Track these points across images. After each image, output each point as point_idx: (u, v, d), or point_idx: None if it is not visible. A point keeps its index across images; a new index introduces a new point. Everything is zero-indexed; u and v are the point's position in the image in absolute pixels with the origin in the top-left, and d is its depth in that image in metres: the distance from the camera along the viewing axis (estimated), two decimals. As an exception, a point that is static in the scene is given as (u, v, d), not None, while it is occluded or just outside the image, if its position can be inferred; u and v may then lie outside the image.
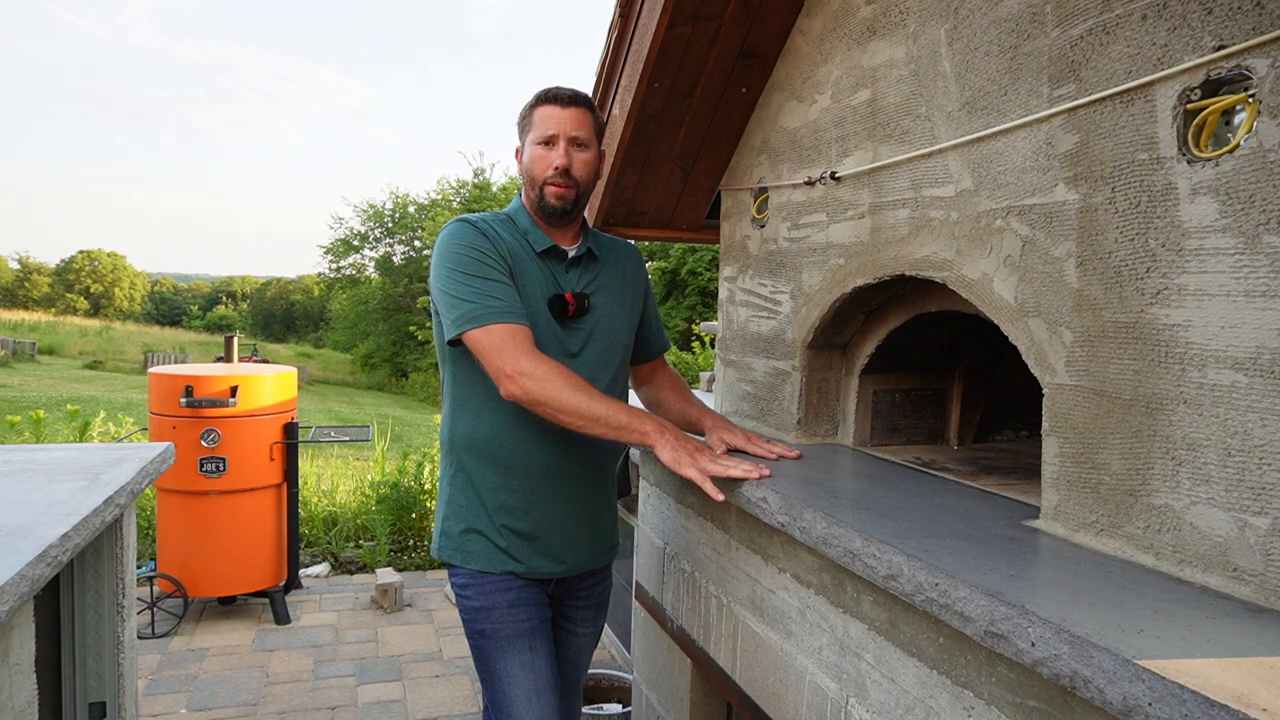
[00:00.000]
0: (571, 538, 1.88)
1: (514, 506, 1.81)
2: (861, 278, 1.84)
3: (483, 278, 1.70)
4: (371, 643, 3.97)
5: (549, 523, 1.84)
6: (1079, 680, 0.89)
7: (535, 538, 1.83)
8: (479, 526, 1.82)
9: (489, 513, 1.81)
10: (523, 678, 1.78)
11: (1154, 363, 1.17)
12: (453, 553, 1.84)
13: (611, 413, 1.63)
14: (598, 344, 1.87)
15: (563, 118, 1.79)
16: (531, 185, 1.82)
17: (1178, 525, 1.14)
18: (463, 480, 1.84)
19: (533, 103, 1.83)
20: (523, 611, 1.82)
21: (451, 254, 1.73)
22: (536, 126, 1.80)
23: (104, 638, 1.87)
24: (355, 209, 42.94)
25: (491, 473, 1.81)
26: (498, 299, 1.68)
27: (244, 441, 4.03)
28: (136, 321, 56.67)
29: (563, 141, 1.78)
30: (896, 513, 1.45)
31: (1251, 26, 1.04)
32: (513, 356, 1.63)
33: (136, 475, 1.82)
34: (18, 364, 23.99)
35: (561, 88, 1.83)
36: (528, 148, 1.83)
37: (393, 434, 9.45)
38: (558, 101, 1.80)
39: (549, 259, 1.85)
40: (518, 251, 1.80)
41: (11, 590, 1.16)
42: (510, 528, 1.82)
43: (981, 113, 1.49)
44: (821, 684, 1.54)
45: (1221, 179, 1.07)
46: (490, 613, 1.80)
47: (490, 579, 1.81)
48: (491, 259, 1.73)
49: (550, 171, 1.78)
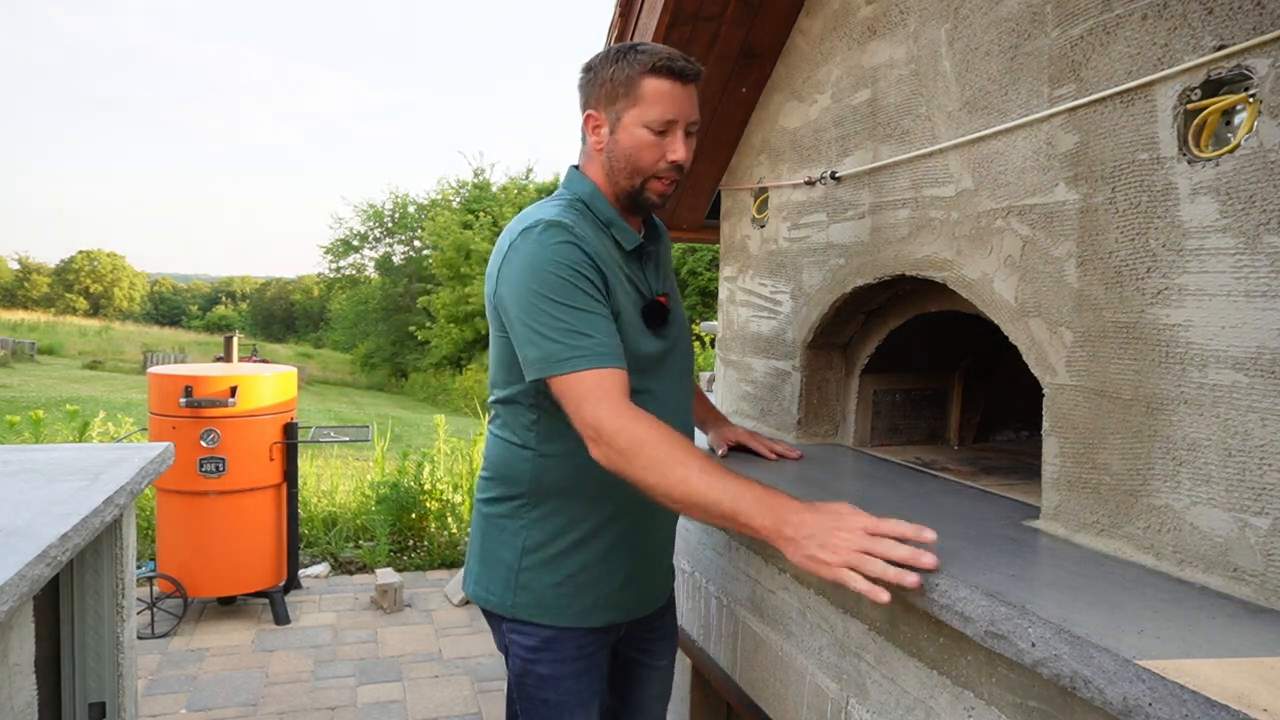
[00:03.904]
0: (667, 564, 1.74)
1: (633, 543, 1.60)
2: (861, 278, 1.84)
3: (578, 309, 1.40)
4: (371, 643, 3.96)
5: (658, 552, 1.69)
6: (1079, 680, 0.89)
7: (645, 573, 1.65)
8: (582, 574, 1.56)
9: (604, 555, 1.57)
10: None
11: (1154, 363, 1.17)
12: (537, 608, 1.57)
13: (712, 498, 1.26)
14: (680, 348, 1.66)
15: (684, 99, 1.48)
16: (630, 174, 1.51)
17: (1178, 525, 1.14)
18: (554, 526, 1.56)
19: (643, 68, 1.46)
20: (589, 678, 1.62)
21: (544, 274, 1.41)
22: (649, 104, 1.46)
23: (104, 638, 1.87)
24: (355, 209, 42.95)
25: (608, 506, 1.56)
26: (589, 335, 1.39)
27: (244, 442, 4.02)
28: (136, 321, 56.68)
29: (682, 129, 1.49)
30: (896, 513, 1.44)
31: (1251, 26, 1.04)
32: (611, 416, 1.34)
33: (136, 475, 1.82)
34: (17, 364, 23.99)
35: (681, 56, 1.48)
36: (630, 127, 1.49)
37: (392, 434, 9.45)
38: (682, 77, 1.47)
39: (633, 258, 1.57)
40: (605, 256, 1.49)
41: (11, 590, 1.16)
42: (625, 568, 1.60)
43: (982, 113, 1.49)
44: (822, 684, 1.54)
45: (1222, 179, 1.07)
46: (559, 683, 1.59)
47: (567, 642, 1.58)
48: (591, 283, 1.43)
49: (664, 165, 1.50)
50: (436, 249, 26.84)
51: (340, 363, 34.80)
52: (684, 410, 1.66)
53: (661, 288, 1.63)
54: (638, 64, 1.46)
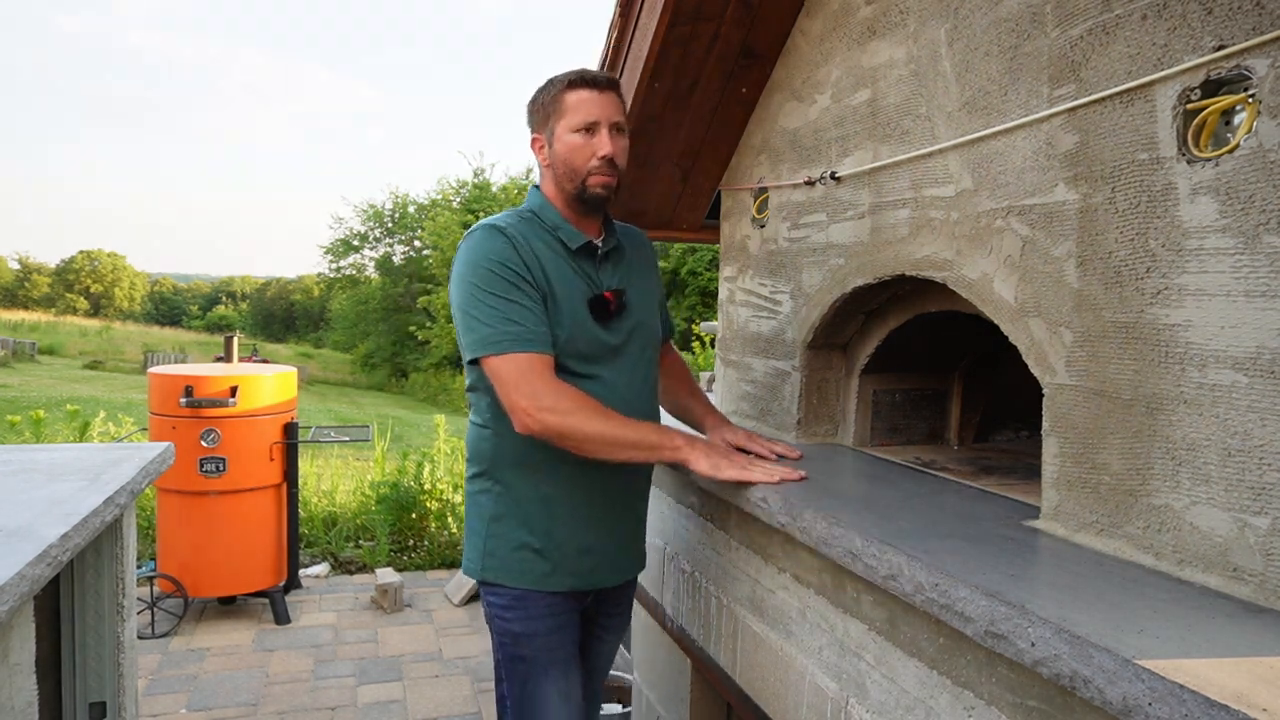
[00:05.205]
0: (625, 540, 1.86)
1: (579, 515, 1.75)
2: (861, 278, 1.84)
3: (506, 299, 1.61)
4: (371, 643, 3.97)
5: (611, 527, 1.80)
6: (1079, 680, 0.89)
7: (597, 546, 1.78)
8: (534, 542, 1.73)
9: (551, 526, 1.73)
10: (559, 705, 1.76)
11: (1154, 363, 1.17)
12: (499, 571, 1.74)
13: (640, 435, 1.59)
14: (637, 341, 1.80)
15: (602, 102, 1.69)
16: (571, 176, 1.70)
17: (1178, 525, 1.14)
18: (511, 497, 1.74)
19: (561, 86, 1.70)
20: (562, 636, 1.78)
21: (476, 267, 1.63)
22: (571, 112, 1.68)
23: (104, 638, 1.87)
24: (355, 209, 42.97)
25: (553, 481, 1.73)
26: (519, 324, 1.60)
27: (244, 441, 4.03)
28: (136, 321, 56.65)
29: (605, 128, 1.68)
30: (896, 513, 1.45)
31: (1251, 26, 1.04)
32: (530, 390, 1.56)
33: (136, 475, 1.82)
34: (18, 364, 23.99)
35: (593, 70, 1.73)
36: (561, 136, 1.70)
37: (393, 434, 9.45)
38: (595, 85, 1.69)
39: (583, 256, 1.75)
40: (548, 254, 1.70)
41: (11, 590, 1.16)
42: (574, 539, 1.75)
43: (981, 113, 1.49)
44: (821, 684, 1.54)
45: (1221, 179, 1.07)
46: (533, 639, 1.75)
47: (536, 601, 1.74)
48: (519, 275, 1.63)
49: (596, 161, 1.68)
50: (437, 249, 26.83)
51: (340, 363, 34.78)
52: (638, 399, 1.80)
53: (616, 285, 1.79)
54: (558, 85, 1.72)
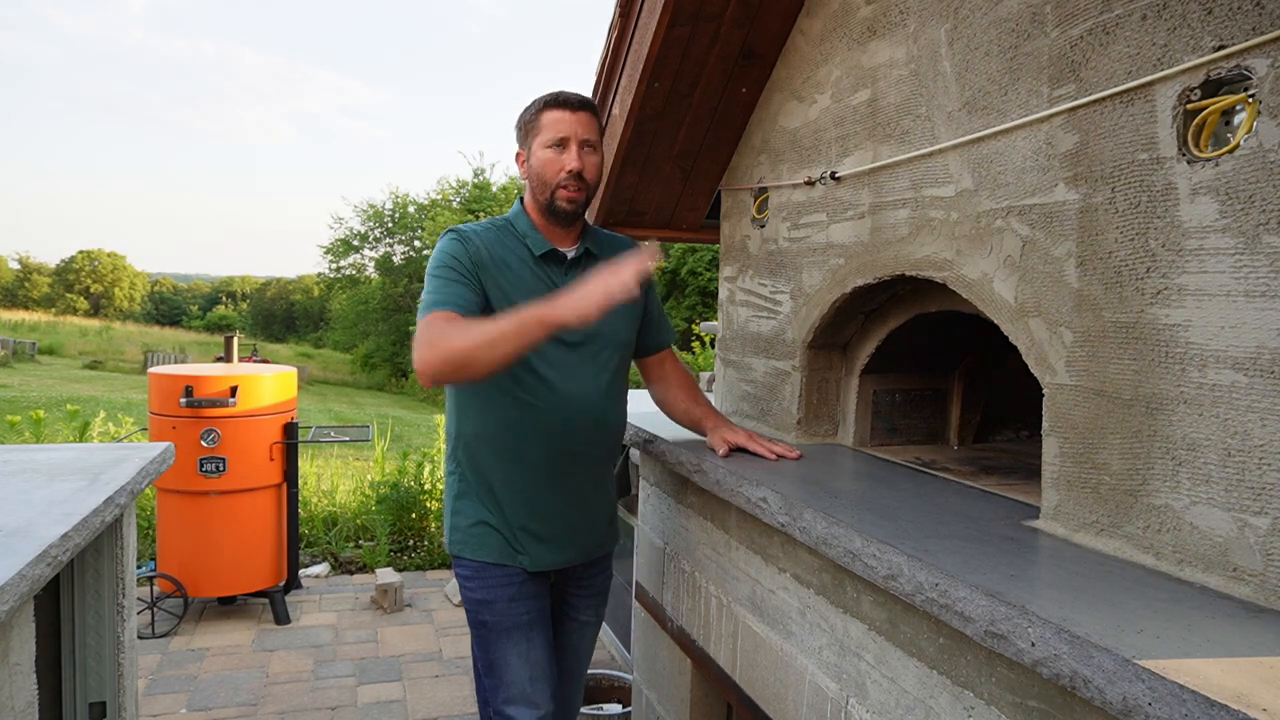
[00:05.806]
0: (573, 528, 1.94)
1: (520, 499, 1.87)
2: (861, 278, 1.85)
3: (445, 279, 1.78)
4: (371, 643, 3.97)
5: (553, 514, 1.90)
6: (1079, 680, 0.89)
7: (539, 529, 1.89)
8: (488, 519, 1.88)
9: (498, 506, 1.88)
10: (519, 666, 1.88)
11: (1154, 363, 1.17)
12: (461, 545, 1.91)
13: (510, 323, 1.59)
14: (595, 345, 1.89)
15: (573, 121, 1.82)
16: (542, 189, 1.84)
17: (1178, 525, 1.14)
18: (471, 475, 1.90)
19: (539, 107, 1.86)
20: (522, 605, 1.89)
21: (432, 260, 1.83)
22: (545, 130, 1.83)
23: (104, 638, 1.87)
24: (355, 209, 42.92)
25: (498, 466, 1.87)
26: (445, 295, 1.75)
27: (244, 441, 4.02)
28: (136, 321, 56.61)
29: (574, 145, 1.82)
30: (896, 513, 1.45)
31: (1251, 26, 1.04)
32: (419, 340, 1.66)
33: (136, 475, 1.82)
34: (18, 364, 23.99)
35: (568, 92, 1.87)
36: (536, 151, 1.85)
37: (393, 434, 9.45)
38: (567, 106, 1.83)
39: (548, 263, 1.88)
40: (508, 257, 1.85)
41: (11, 590, 1.16)
42: (517, 520, 1.88)
43: (981, 113, 1.49)
44: (821, 684, 1.54)
45: (1221, 179, 1.07)
46: (492, 605, 1.88)
47: (494, 572, 1.88)
48: (460, 264, 1.80)
49: (563, 175, 1.81)
50: (437, 249, 26.82)
51: (340, 363, 34.78)
52: (593, 402, 1.88)
53: None
54: (537, 105, 1.87)
